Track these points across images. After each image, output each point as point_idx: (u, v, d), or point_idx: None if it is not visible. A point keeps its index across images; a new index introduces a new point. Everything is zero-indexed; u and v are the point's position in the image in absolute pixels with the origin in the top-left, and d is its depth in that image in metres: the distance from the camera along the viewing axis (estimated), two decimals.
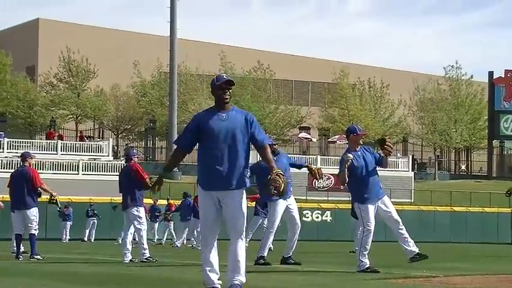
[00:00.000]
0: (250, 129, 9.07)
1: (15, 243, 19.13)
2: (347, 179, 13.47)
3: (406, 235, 13.74)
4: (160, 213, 40.10)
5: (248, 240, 27.68)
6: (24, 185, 18.16)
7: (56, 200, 19.02)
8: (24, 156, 18.90)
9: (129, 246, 17.35)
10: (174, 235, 38.12)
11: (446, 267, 15.79)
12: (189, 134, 9.16)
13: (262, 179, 10.58)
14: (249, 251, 10.47)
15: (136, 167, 17.43)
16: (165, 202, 41.38)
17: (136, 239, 17.55)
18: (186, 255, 22.47)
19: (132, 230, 17.54)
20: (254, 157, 11.54)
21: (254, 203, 27.29)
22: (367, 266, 13.48)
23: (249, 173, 9.22)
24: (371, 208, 13.57)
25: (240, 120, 9.07)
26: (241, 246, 9.01)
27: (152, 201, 41.09)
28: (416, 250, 13.73)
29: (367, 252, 13.55)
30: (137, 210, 17.24)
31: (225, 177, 8.96)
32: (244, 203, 9.09)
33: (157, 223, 40.07)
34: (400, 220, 13.74)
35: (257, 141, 9.13)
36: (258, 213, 27.82)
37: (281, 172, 9.14)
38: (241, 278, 8.98)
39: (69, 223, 43.25)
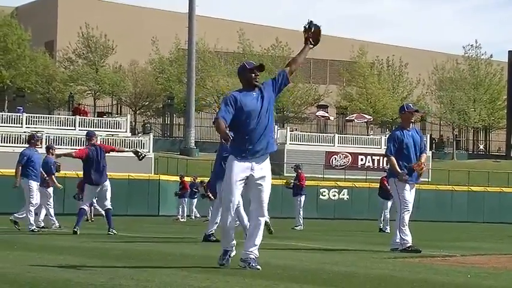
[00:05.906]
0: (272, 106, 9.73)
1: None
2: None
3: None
4: (198, 189, 39.51)
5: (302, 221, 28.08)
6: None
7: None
8: (89, 136, 19.46)
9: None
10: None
11: (463, 247, 15.78)
12: (231, 109, 9.40)
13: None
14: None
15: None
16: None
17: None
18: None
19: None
20: None
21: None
22: (408, 244, 13.46)
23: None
24: (408, 187, 13.56)
25: (267, 98, 9.59)
26: (263, 220, 9.48)
27: (191, 179, 40.81)
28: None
29: (406, 229, 13.49)
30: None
31: (262, 150, 9.48)
32: None
33: (195, 199, 39.70)
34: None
35: None
36: (296, 194, 28.11)
37: None
38: (257, 252, 9.39)
39: None
